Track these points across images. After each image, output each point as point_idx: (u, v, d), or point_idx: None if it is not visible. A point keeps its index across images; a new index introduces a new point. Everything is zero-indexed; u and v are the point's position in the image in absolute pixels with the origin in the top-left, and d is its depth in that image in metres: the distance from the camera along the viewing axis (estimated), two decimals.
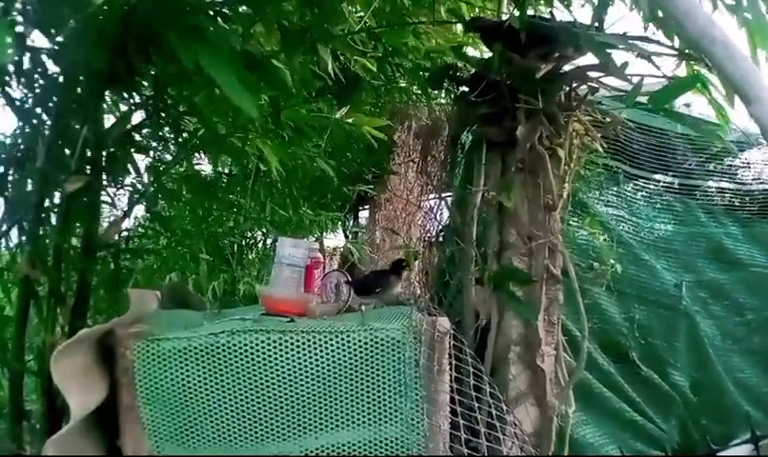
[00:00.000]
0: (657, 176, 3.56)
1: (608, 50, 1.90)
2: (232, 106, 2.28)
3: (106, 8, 1.81)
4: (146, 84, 2.25)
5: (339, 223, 5.43)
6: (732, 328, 3.66)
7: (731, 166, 3.74)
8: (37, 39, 2.03)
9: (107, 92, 2.19)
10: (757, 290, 3.69)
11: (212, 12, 1.96)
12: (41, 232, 2.10)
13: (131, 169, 2.38)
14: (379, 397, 1.67)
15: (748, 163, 3.78)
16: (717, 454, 3.18)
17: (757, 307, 3.69)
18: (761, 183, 3.78)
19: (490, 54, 2.33)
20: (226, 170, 4.02)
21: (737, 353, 3.65)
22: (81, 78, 2.06)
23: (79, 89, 2.09)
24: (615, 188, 3.42)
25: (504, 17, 2.45)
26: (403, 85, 3.31)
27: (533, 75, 2.21)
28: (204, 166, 3.74)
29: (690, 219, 3.61)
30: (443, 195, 2.89)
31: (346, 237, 5.69)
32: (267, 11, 2.10)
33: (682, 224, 3.60)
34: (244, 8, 2.11)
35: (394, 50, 2.75)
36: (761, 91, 1.14)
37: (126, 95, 2.28)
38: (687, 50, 1.90)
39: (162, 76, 2.12)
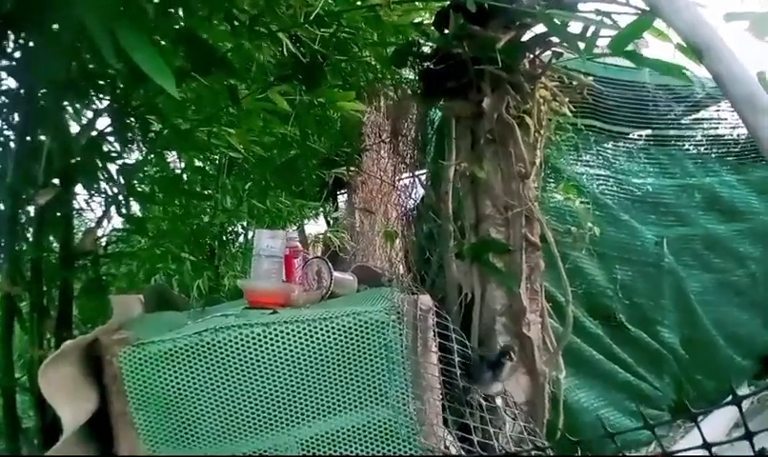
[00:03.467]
0: (640, 131, 3.51)
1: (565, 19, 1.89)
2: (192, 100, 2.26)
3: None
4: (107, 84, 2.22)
5: (320, 209, 5.41)
6: (735, 280, 3.65)
7: (718, 110, 3.66)
8: None
9: (68, 100, 2.16)
10: (758, 240, 3.66)
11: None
12: (17, 248, 2.09)
13: (102, 175, 2.36)
14: (368, 380, 1.68)
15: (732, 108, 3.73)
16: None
17: (759, 257, 3.67)
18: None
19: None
20: (198, 165, 3.98)
21: (735, 306, 3.66)
22: (41, 90, 2.04)
23: (40, 101, 2.06)
24: (595, 149, 3.38)
25: None
26: (369, 61, 3.28)
27: (494, 45, 2.20)
28: (178, 164, 3.70)
29: (678, 170, 3.56)
30: (417, 173, 2.89)
31: (327, 223, 5.68)
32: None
33: (670, 176, 3.55)
34: None
35: (355, 29, 2.72)
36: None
37: (87, 101, 2.25)
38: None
39: (119, 76, 2.09)
